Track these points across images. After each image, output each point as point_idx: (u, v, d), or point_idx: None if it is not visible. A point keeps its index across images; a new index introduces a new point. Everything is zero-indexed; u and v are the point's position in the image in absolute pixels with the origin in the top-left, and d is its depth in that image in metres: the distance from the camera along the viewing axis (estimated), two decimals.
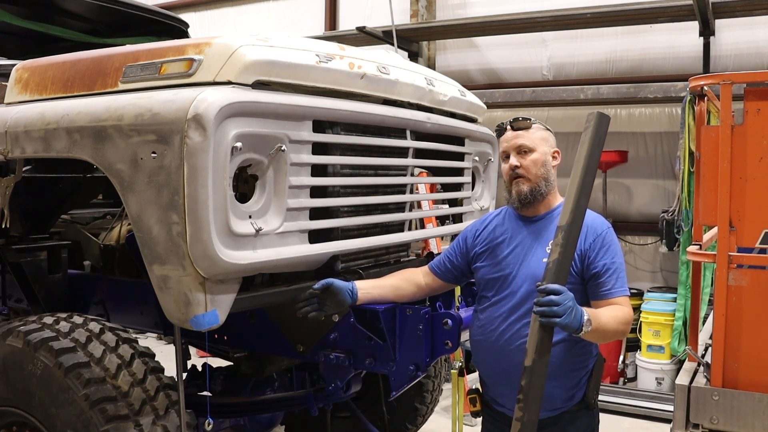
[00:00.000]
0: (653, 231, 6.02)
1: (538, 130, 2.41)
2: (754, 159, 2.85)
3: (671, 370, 5.64)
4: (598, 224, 2.35)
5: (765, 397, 2.78)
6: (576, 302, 2.03)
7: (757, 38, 6.17)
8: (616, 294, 2.26)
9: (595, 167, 2.15)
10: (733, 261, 2.85)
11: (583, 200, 2.10)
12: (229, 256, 2.01)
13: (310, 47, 2.37)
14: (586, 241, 2.29)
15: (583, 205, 2.11)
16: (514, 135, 2.39)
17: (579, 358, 2.35)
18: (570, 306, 1.99)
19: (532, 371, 2.00)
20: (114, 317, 3.10)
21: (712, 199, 2.97)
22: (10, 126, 2.38)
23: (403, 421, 3.93)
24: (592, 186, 2.15)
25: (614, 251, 2.30)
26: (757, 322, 2.84)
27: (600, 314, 2.15)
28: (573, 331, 2.03)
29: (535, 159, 2.35)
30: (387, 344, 2.43)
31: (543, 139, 2.40)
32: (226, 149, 1.98)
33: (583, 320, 2.03)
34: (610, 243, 2.31)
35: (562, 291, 1.99)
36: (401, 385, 2.52)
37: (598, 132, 2.13)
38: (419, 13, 7.52)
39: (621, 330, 2.23)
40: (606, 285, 2.26)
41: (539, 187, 2.36)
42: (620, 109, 6.87)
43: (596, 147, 2.13)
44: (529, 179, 2.35)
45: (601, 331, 2.14)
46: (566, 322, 1.98)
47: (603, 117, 2.15)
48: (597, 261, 2.27)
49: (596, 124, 2.14)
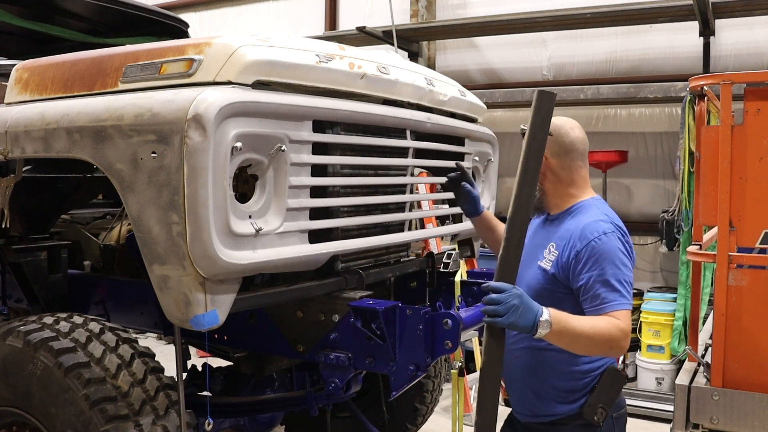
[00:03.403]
0: (653, 231, 6.02)
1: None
2: (754, 159, 2.86)
3: (671, 370, 5.64)
4: (591, 230, 2.14)
5: (765, 397, 2.79)
6: (527, 300, 1.90)
7: (757, 38, 6.18)
8: (608, 309, 2.05)
9: (539, 152, 1.97)
10: (733, 261, 2.85)
11: (526, 189, 1.95)
12: (229, 256, 2.01)
13: (310, 47, 2.37)
14: (573, 250, 2.13)
15: (528, 193, 1.95)
16: None
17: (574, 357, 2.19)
18: (513, 304, 1.87)
19: (481, 373, 1.94)
20: (114, 317, 3.10)
21: (712, 199, 2.97)
22: (10, 126, 2.37)
23: (403, 421, 3.93)
24: (538, 173, 2.00)
25: (604, 262, 2.08)
26: (757, 322, 2.84)
27: (571, 319, 1.99)
28: (524, 331, 1.93)
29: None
30: (387, 344, 2.43)
31: None
32: (226, 149, 1.98)
33: (538, 320, 1.90)
34: (600, 253, 2.09)
35: (504, 289, 1.89)
36: (401, 385, 2.52)
37: (539, 112, 1.93)
38: (419, 13, 7.52)
39: (603, 342, 2.01)
40: (596, 299, 2.08)
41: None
42: (620, 109, 6.87)
43: (539, 128, 1.94)
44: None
45: (568, 337, 1.98)
46: (510, 322, 1.87)
47: (544, 94, 1.94)
48: (582, 273, 2.10)
49: (536, 104, 1.93)
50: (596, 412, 2.18)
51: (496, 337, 1.93)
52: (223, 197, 1.98)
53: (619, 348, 2.05)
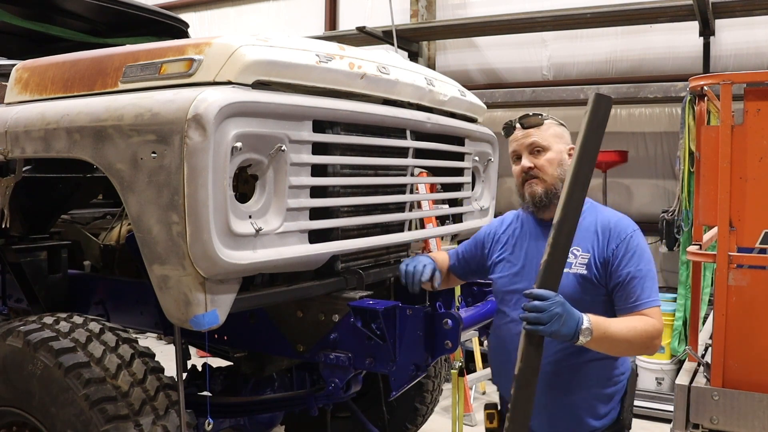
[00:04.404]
0: (653, 231, 6.01)
1: (552, 126, 2.21)
2: (754, 159, 2.86)
3: (671, 370, 5.64)
4: (623, 227, 2.13)
5: (765, 397, 2.78)
6: (569, 308, 1.86)
7: (757, 38, 6.17)
8: (643, 306, 2.04)
9: (594, 155, 1.93)
10: (733, 261, 2.85)
11: (578, 193, 1.90)
12: (229, 256, 2.01)
13: (310, 47, 2.37)
14: (609, 247, 2.09)
15: (579, 198, 1.90)
16: (524, 134, 2.19)
17: (607, 371, 2.16)
18: (557, 313, 1.82)
19: (518, 380, 1.88)
20: (114, 317, 3.10)
21: (712, 199, 2.97)
22: (10, 126, 2.37)
23: (403, 421, 3.93)
24: (590, 177, 1.94)
25: (640, 257, 2.08)
26: (757, 322, 2.84)
27: (610, 323, 1.96)
28: (566, 340, 1.89)
29: (550, 158, 2.16)
30: (387, 344, 2.43)
31: (557, 135, 2.20)
32: (226, 149, 1.98)
33: (580, 327, 1.86)
34: (636, 248, 2.09)
35: (548, 296, 1.84)
36: (401, 385, 2.52)
37: (596, 115, 1.90)
38: (419, 13, 7.52)
39: (641, 342, 1.99)
40: (631, 296, 2.05)
41: (555, 188, 2.16)
42: (620, 109, 6.87)
43: (594, 133, 1.90)
44: (545, 180, 2.16)
45: (609, 341, 1.95)
46: (552, 330, 1.83)
47: (602, 98, 1.91)
48: (621, 269, 2.07)
49: (594, 106, 1.90)
50: (630, 417, 2.19)
51: (535, 345, 1.87)
52: (223, 197, 1.98)
53: (654, 347, 2.04)
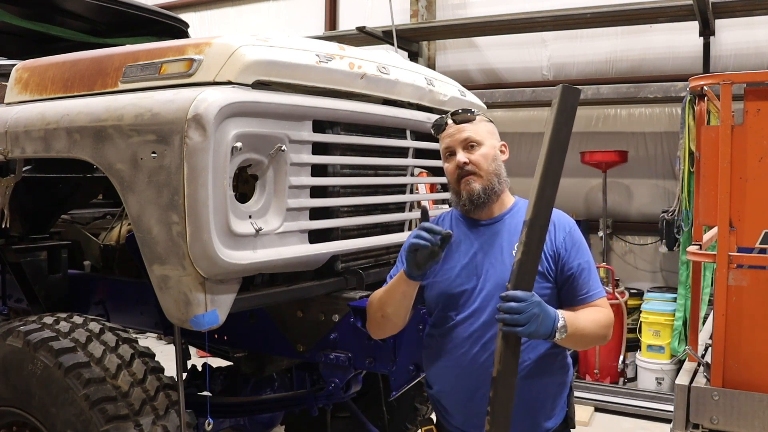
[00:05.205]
0: (653, 231, 6.02)
1: (482, 121, 2.15)
2: (754, 159, 2.86)
3: (671, 370, 5.64)
4: (565, 220, 2.13)
5: (765, 397, 2.78)
6: (545, 307, 1.85)
7: (757, 38, 6.18)
8: (595, 297, 2.06)
9: (563, 149, 1.85)
10: (733, 261, 2.85)
11: (550, 189, 1.83)
12: (229, 256, 2.01)
13: (310, 47, 2.37)
14: (557, 239, 2.07)
15: (550, 195, 1.84)
16: (457, 129, 2.11)
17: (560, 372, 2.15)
18: (534, 313, 1.80)
19: (497, 382, 1.84)
20: (114, 317, 3.10)
21: (712, 199, 2.97)
22: (10, 126, 2.37)
23: (403, 421, 3.93)
24: (561, 172, 1.86)
25: (585, 249, 2.10)
26: (757, 322, 2.84)
27: (578, 318, 1.96)
28: (543, 338, 1.88)
29: (485, 153, 2.09)
30: (387, 344, 2.43)
31: (490, 132, 2.15)
32: (226, 149, 1.98)
33: (557, 326, 1.86)
34: (580, 240, 2.10)
35: (524, 297, 1.80)
36: (401, 385, 2.52)
37: (564, 107, 1.83)
38: (419, 13, 7.52)
39: (602, 334, 2.04)
40: (583, 288, 2.06)
41: (492, 184, 2.09)
42: (620, 109, 6.88)
43: (563, 126, 1.83)
44: (481, 176, 2.08)
45: (578, 337, 1.96)
46: (530, 331, 1.81)
47: (569, 90, 1.84)
48: (572, 261, 2.06)
49: (561, 98, 1.83)
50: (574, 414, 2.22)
51: (512, 346, 1.84)
52: (223, 197, 1.98)
53: (609, 336, 2.08)
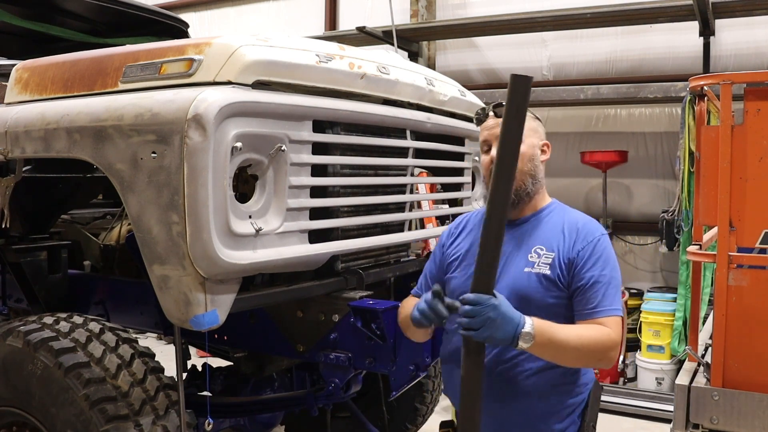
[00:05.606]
0: (653, 231, 6.02)
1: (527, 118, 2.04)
2: (754, 159, 2.86)
3: (671, 370, 5.64)
4: (591, 229, 2.03)
5: (765, 397, 2.78)
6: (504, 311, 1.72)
7: (757, 38, 6.18)
8: (601, 314, 1.91)
9: (517, 141, 1.72)
10: (733, 261, 2.85)
11: (503, 185, 1.71)
12: (229, 256, 2.01)
13: (310, 47, 2.37)
14: (575, 248, 1.98)
15: (504, 191, 1.72)
16: (496, 122, 2.00)
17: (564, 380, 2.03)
18: (488, 317, 1.70)
19: (462, 389, 1.78)
20: (114, 317, 3.10)
21: (712, 199, 2.97)
22: (10, 126, 2.37)
23: (403, 421, 3.93)
24: (515, 166, 1.74)
25: (606, 262, 1.97)
26: (757, 322, 2.84)
27: (558, 329, 1.83)
28: (504, 344, 1.79)
29: (522, 152, 1.93)
30: (387, 344, 2.43)
31: (531, 129, 2.04)
32: (226, 149, 1.98)
33: (518, 332, 1.74)
34: (602, 252, 1.98)
35: (479, 301, 1.71)
36: (401, 385, 2.52)
37: (514, 98, 1.71)
38: (419, 13, 7.52)
39: (591, 353, 1.86)
40: (591, 302, 1.92)
41: (525, 185, 2.03)
42: (620, 109, 6.88)
43: (514, 118, 1.71)
44: None
45: (554, 349, 1.82)
46: (485, 336, 1.71)
47: (520, 79, 1.71)
48: (584, 272, 1.95)
49: (511, 89, 1.71)
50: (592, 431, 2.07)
51: (473, 352, 1.76)
52: (223, 197, 1.98)
53: (608, 359, 1.89)
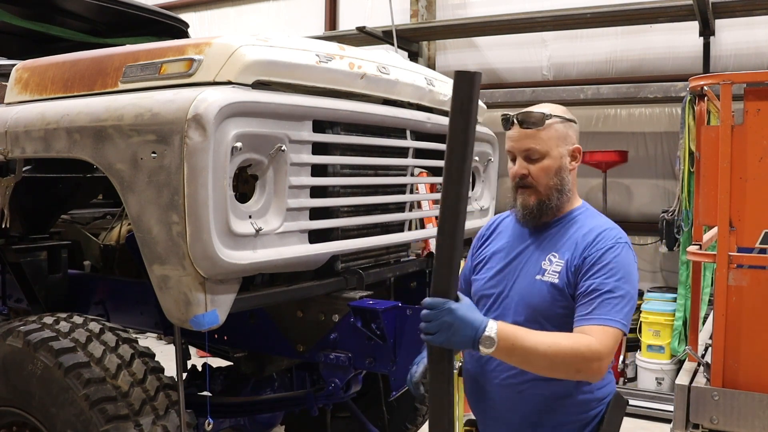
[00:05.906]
0: (653, 231, 6.01)
1: (554, 125, 1.92)
2: (754, 159, 2.85)
3: (671, 370, 5.64)
4: (607, 236, 1.90)
5: (765, 397, 2.78)
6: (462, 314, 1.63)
7: (757, 38, 6.17)
8: (590, 322, 1.77)
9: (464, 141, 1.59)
10: (733, 261, 2.84)
11: (453, 188, 1.59)
12: (229, 256, 2.01)
13: (310, 47, 2.37)
14: (582, 255, 1.88)
15: (455, 194, 1.60)
16: (522, 134, 1.93)
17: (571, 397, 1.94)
18: (444, 321, 1.62)
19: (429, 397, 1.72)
20: (114, 317, 3.10)
21: (712, 199, 2.97)
22: (10, 126, 2.38)
23: (403, 421, 3.93)
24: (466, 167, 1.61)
25: (613, 272, 1.83)
26: (757, 322, 2.84)
27: (527, 335, 1.71)
28: (463, 348, 1.73)
29: (547, 166, 1.91)
30: (387, 344, 2.43)
31: (559, 138, 1.93)
32: (226, 149, 1.98)
33: (479, 336, 1.64)
34: (612, 260, 1.85)
35: (434, 305, 1.64)
36: (401, 385, 2.52)
37: (458, 95, 1.58)
38: (419, 13, 7.52)
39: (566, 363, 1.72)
40: (584, 309, 1.80)
41: (549, 201, 1.94)
42: (620, 109, 6.87)
43: (460, 116, 1.58)
44: (539, 191, 1.93)
45: (520, 355, 1.70)
46: (441, 340, 1.63)
47: (464, 75, 1.59)
48: (587, 279, 1.84)
49: (455, 85, 1.59)
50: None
51: (434, 359, 1.68)
52: (223, 197, 1.98)
53: (590, 371, 1.76)
